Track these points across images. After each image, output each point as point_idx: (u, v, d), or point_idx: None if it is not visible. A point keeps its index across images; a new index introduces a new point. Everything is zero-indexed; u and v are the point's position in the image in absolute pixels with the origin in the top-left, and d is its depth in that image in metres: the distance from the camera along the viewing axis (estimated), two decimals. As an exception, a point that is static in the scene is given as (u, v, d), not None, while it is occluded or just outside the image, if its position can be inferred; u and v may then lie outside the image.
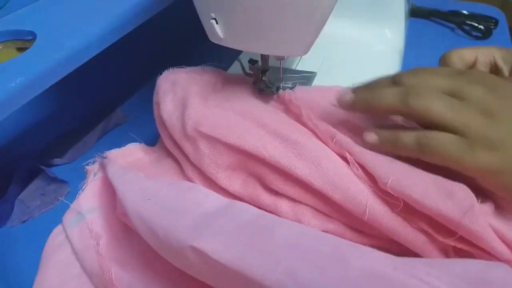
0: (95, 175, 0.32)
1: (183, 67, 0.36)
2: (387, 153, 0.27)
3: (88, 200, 0.30)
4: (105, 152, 0.32)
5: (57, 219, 0.30)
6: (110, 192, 0.28)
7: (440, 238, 0.23)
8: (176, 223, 0.22)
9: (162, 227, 0.22)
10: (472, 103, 0.24)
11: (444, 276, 0.16)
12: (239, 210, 0.23)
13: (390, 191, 0.24)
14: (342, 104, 0.29)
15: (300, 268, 0.18)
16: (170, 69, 0.35)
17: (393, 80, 0.28)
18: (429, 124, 0.25)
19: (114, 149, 0.33)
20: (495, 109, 0.24)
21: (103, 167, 0.31)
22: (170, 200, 0.25)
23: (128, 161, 0.33)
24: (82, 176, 0.33)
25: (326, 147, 0.28)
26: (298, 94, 0.35)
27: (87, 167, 0.32)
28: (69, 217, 0.29)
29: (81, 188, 0.31)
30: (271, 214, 0.22)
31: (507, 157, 0.23)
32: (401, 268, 0.17)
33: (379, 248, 0.22)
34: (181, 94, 0.32)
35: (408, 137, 0.25)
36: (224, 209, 0.23)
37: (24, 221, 0.37)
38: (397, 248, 0.25)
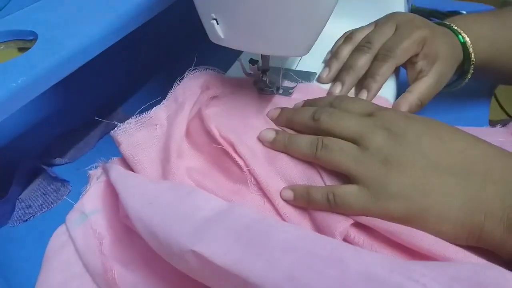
0: (98, 179, 0.32)
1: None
2: None
3: (91, 201, 0.30)
4: (112, 158, 0.32)
5: (58, 219, 0.30)
6: (113, 194, 0.29)
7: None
8: (176, 228, 0.23)
9: (163, 231, 0.23)
10: (373, 152, 0.26)
11: (439, 277, 0.16)
12: (239, 214, 0.23)
13: None
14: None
15: (298, 272, 0.18)
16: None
17: (313, 117, 0.30)
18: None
19: (120, 157, 0.33)
20: (394, 158, 0.25)
21: (106, 171, 0.31)
22: (170, 204, 0.25)
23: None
24: (83, 176, 0.33)
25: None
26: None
27: (90, 171, 0.32)
28: (72, 218, 0.29)
29: (83, 189, 0.31)
30: (270, 217, 0.23)
31: (409, 204, 0.24)
32: (397, 270, 0.17)
33: None
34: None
35: (317, 194, 0.26)
36: (224, 213, 0.23)
37: (25, 221, 0.37)
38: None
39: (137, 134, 0.32)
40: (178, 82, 0.35)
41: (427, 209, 0.24)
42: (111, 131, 0.32)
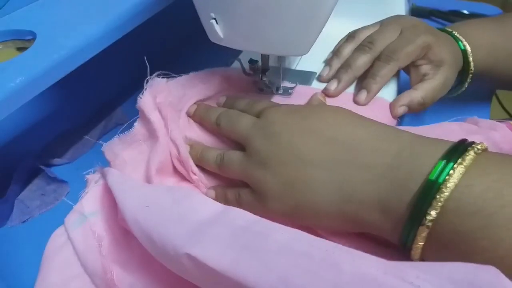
0: (96, 182, 0.32)
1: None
2: None
3: (90, 203, 0.30)
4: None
5: (57, 219, 0.30)
6: (111, 197, 0.29)
7: None
8: (172, 231, 0.23)
9: (159, 234, 0.23)
10: (253, 157, 0.27)
11: (433, 279, 0.16)
12: (234, 216, 0.23)
13: None
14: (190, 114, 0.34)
15: (292, 274, 0.18)
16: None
17: (216, 121, 0.32)
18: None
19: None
20: (269, 159, 0.26)
21: (103, 175, 0.31)
22: (167, 207, 0.25)
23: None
24: (82, 176, 0.33)
25: None
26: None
27: (87, 176, 0.32)
28: (71, 219, 0.29)
29: (81, 193, 0.31)
30: (265, 220, 0.23)
31: (284, 203, 0.25)
32: (391, 272, 0.17)
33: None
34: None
35: (231, 194, 0.29)
36: (219, 216, 0.23)
37: (24, 221, 0.37)
38: None
39: (123, 153, 0.32)
40: (140, 96, 0.33)
41: (301, 205, 0.25)
42: (102, 148, 0.32)
